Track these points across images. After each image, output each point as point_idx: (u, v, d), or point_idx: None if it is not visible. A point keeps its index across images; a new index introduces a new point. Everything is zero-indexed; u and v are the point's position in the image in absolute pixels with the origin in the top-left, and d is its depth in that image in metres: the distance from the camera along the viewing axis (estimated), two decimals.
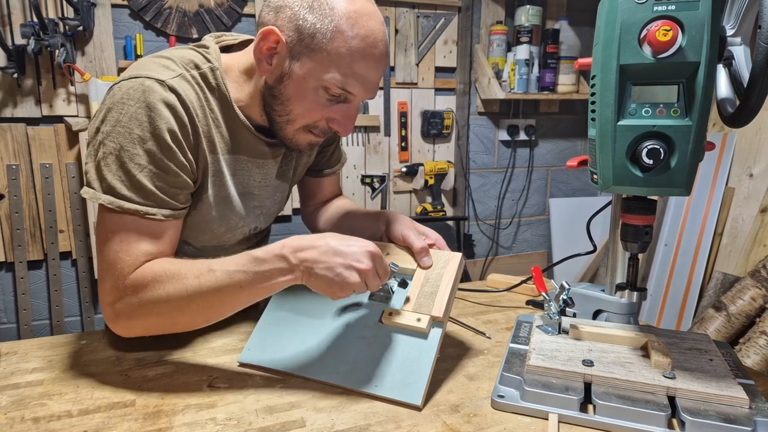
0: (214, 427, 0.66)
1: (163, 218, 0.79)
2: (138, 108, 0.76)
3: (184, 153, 0.80)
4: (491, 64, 2.68)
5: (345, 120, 0.85)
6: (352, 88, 0.80)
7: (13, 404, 0.71)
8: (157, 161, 0.77)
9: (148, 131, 0.76)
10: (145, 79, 0.77)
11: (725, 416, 0.63)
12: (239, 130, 0.88)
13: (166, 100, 0.77)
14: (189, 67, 0.83)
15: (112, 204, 0.76)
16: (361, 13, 0.78)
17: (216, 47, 0.88)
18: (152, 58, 0.83)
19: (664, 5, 0.63)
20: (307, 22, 0.77)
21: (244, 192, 0.94)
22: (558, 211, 3.04)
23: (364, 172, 2.63)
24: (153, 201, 0.78)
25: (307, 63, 0.79)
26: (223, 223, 0.93)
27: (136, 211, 0.77)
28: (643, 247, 0.77)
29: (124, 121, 0.76)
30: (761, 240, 2.23)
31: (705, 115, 0.65)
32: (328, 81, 0.79)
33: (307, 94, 0.81)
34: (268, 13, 0.81)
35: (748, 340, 2.02)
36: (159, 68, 0.80)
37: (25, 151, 2.05)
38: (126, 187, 0.76)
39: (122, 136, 0.76)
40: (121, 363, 0.82)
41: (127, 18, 2.12)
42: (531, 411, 0.70)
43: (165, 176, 0.78)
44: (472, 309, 1.09)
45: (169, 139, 0.77)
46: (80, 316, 2.26)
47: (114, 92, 0.78)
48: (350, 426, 0.67)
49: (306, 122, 0.85)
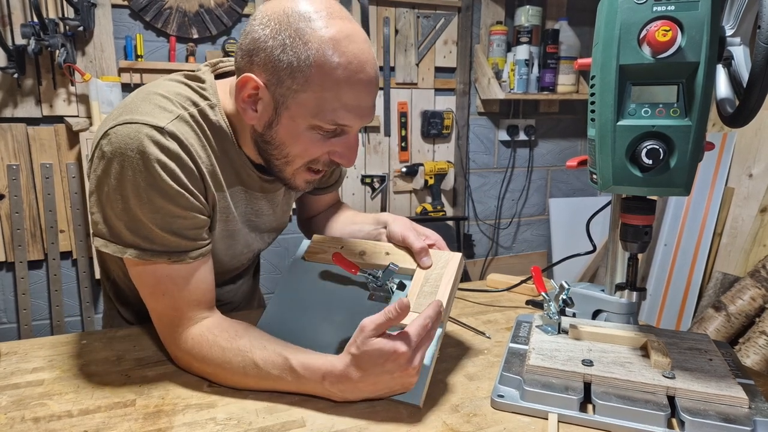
0: (214, 427, 0.66)
1: (192, 260, 0.77)
2: (140, 159, 0.71)
3: (195, 197, 0.77)
4: (491, 65, 2.68)
5: (347, 151, 0.80)
6: (344, 120, 0.75)
7: (14, 404, 0.71)
8: (171, 209, 0.74)
9: (156, 182, 0.72)
10: (143, 126, 0.72)
11: (725, 416, 0.63)
12: (241, 165, 0.85)
13: (169, 149, 0.73)
14: (186, 105, 0.78)
15: (139, 257, 0.75)
16: (339, 38, 0.71)
17: (212, 79, 0.83)
18: (146, 96, 0.77)
19: (663, 5, 0.63)
20: (283, 62, 0.71)
21: (248, 221, 0.93)
22: (558, 211, 3.04)
23: (364, 172, 2.63)
24: (177, 247, 0.76)
25: (292, 105, 0.74)
26: (229, 253, 0.93)
27: (166, 260, 0.75)
28: (642, 247, 0.77)
29: (129, 174, 0.72)
30: (761, 240, 2.23)
31: (704, 115, 0.65)
32: (318, 120, 0.74)
33: (300, 136, 0.77)
34: (242, 59, 0.76)
35: (747, 340, 2.02)
36: (155, 110, 0.75)
37: (25, 151, 2.05)
38: (146, 239, 0.74)
39: (130, 191, 0.72)
40: (121, 363, 0.82)
41: (127, 18, 2.12)
42: (531, 411, 0.70)
43: (183, 221, 0.76)
44: (472, 309, 1.09)
45: (178, 187, 0.74)
46: (80, 316, 2.26)
47: (111, 139, 0.73)
48: (350, 426, 0.67)
49: (305, 161, 0.80)
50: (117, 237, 0.75)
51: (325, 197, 1.15)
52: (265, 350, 0.73)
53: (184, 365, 0.80)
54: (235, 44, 2.21)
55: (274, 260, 2.53)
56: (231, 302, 1.08)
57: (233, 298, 1.08)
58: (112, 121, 0.75)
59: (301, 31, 0.71)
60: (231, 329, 0.77)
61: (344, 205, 1.19)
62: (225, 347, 0.75)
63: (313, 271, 0.92)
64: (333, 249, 0.92)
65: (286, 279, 0.92)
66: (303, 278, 0.91)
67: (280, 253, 2.54)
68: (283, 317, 0.87)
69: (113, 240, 0.75)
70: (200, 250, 0.79)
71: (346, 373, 0.69)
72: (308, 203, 1.16)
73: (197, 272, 0.79)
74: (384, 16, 2.51)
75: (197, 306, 0.79)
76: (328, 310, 0.85)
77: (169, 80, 0.82)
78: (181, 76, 0.84)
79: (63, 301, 2.21)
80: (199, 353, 0.76)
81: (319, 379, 0.70)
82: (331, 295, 0.87)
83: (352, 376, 0.68)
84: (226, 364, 0.74)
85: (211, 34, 2.23)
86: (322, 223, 1.13)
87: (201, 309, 0.79)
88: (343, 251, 0.91)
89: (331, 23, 0.71)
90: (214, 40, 2.26)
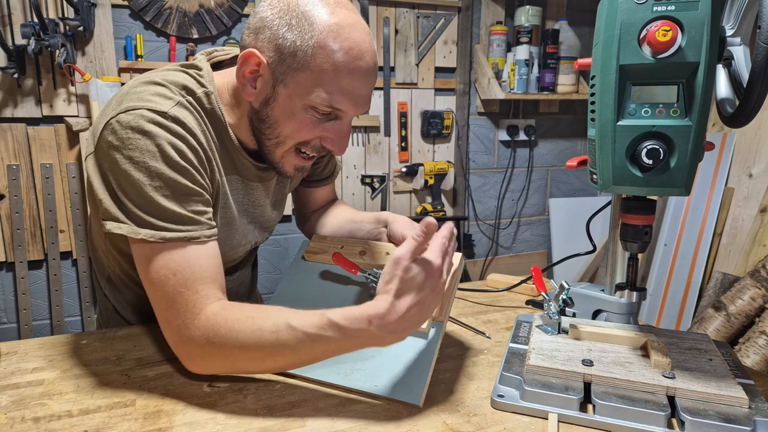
0: (214, 427, 0.66)
1: (207, 239, 0.76)
2: (147, 142, 0.72)
3: (202, 176, 0.78)
4: (491, 65, 2.68)
5: (338, 138, 0.82)
6: (340, 105, 0.77)
7: (14, 404, 0.71)
8: (182, 187, 0.75)
9: (166, 161, 0.73)
10: (146, 111, 0.73)
11: (725, 416, 0.63)
12: (235, 152, 0.86)
13: (174, 130, 0.74)
14: (183, 93, 0.80)
15: (154, 237, 0.73)
16: (343, 25, 0.74)
17: (208, 67, 0.84)
18: (144, 85, 0.78)
19: (663, 5, 0.63)
20: (287, 40, 0.74)
21: (245, 211, 0.93)
22: (558, 211, 3.05)
23: (364, 172, 2.63)
24: (192, 224, 0.75)
25: (291, 83, 0.76)
26: (227, 244, 0.92)
27: (181, 238, 0.73)
28: (642, 247, 0.77)
29: (137, 156, 0.72)
30: (761, 240, 2.23)
31: (704, 115, 0.65)
32: (315, 100, 0.76)
33: (295, 114, 0.78)
34: (248, 36, 0.78)
35: (747, 340, 2.02)
36: (155, 97, 0.76)
37: (25, 151, 2.05)
38: (161, 218, 0.73)
39: (142, 173, 0.72)
40: (121, 363, 0.82)
41: (127, 18, 2.12)
42: (531, 411, 0.70)
43: (194, 198, 0.76)
44: (472, 309, 1.09)
45: (186, 164, 0.75)
46: (80, 316, 2.26)
47: (114, 127, 0.73)
48: (350, 426, 0.67)
49: (296, 142, 0.82)
50: (132, 218, 0.74)
51: (321, 191, 1.16)
52: (297, 312, 0.70)
53: (196, 354, 0.74)
54: (235, 44, 2.22)
55: (274, 260, 2.53)
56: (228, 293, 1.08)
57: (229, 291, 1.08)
58: (112, 110, 0.75)
59: (307, 14, 0.74)
60: (250, 304, 0.74)
61: (343, 204, 1.18)
62: (251, 316, 0.70)
63: (313, 271, 0.92)
64: (333, 249, 0.92)
65: (286, 279, 0.92)
66: (303, 278, 0.91)
67: (280, 253, 2.54)
68: None
69: (127, 221, 0.74)
70: (212, 230, 0.78)
71: (393, 308, 0.66)
72: (304, 197, 1.16)
73: (210, 251, 0.77)
74: (384, 16, 2.51)
75: (212, 283, 0.75)
76: None
77: (166, 69, 0.83)
78: (177, 65, 0.85)
79: (63, 301, 2.21)
80: (217, 333, 0.71)
81: (365, 325, 0.66)
82: (331, 295, 0.87)
83: (399, 308, 0.66)
84: (257, 332, 0.69)
85: (211, 34, 2.23)
86: (321, 221, 1.13)
87: (216, 288, 0.75)
88: (343, 251, 0.91)
89: (337, 11, 0.75)
90: (214, 40, 2.26)
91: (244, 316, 0.71)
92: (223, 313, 0.72)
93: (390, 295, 0.66)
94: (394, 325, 0.66)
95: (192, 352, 0.74)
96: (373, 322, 0.66)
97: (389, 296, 0.66)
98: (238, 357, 0.71)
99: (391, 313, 0.66)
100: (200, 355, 0.73)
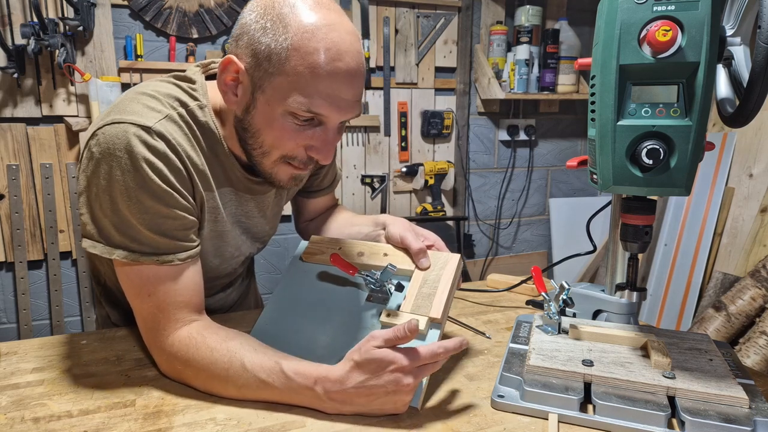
0: (214, 427, 0.66)
1: (180, 262, 0.76)
2: (128, 159, 0.72)
3: (183, 197, 0.77)
4: (491, 64, 2.68)
5: (323, 146, 0.78)
6: (320, 109, 0.73)
7: (13, 404, 0.71)
8: (159, 209, 0.74)
9: (144, 182, 0.72)
10: (130, 126, 0.72)
11: (725, 416, 0.63)
12: (229, 164, 0.85)
13: (156, 148, 0.73)
14: (175, 105, 0.79)
15: (127, 258, 0.74)
16: (319, 25, 0.71)
17: (202, 80, 0.83)
18: (135, 96, 0.78)
19: (663, 5, 0.63)
20: (262, 45, 0.72)
21: (238, 222, 0.92)
22: (558, 211, 3.04)
23: (364, 172, 2.63)
24: (166, 248, 0.75)
25: (268, 89, 0.74)
26: (218, 256, 0.92)
27: (154, 261, 0.75)
28: (642, 247, 0.77)
29: (117, 174, 0.72)
30: (761, 240, 2.23)
31: (705, 115, 0.65)
32: (292, 105, 0.73)
33: (274, 122, 0.75)
34: (231, 43, 0.77)
35: (748, 340, 2.02)
36: (143, 110, 0.75)
37: (25, 151, 2.05)
38: (134, 240, 0.74)
39: (118, 191, 0.72)
40: (121, 363, 0.82)
41: (127, 18, 2.12)
42: (531, 411, 0.70)
43: (171, 221, 0.76)
44: (472, 309, 1.09)
45: (166, 187, 0.74)
46: (80, 316, 2.26)
47: (99, 139, 0.73)
48: (350, 426, 0.67)
49: (281, 153, 0.79)
50: (105, 237, 0.75)
51: (320, 200, 1.14)
52: (256, 353, 0.72)
53: (165, 369, 0.78)
54: None
55: (273, 260, 2.53)
56: (221, 310, 1.07)
57: (223, 306, 1.08)
58: (100, 121, 0.75)
59: (283, 15, 0.71)
60: (222, 332, 0.76)
61: (342, 208, 1.18)
62: (214, 347, 0.73)
63: (311, 271, 0.92)
64: (331, 250, 0.92)
65: (284, 280, 0.92)
66: (301, 279, 0.91)
67: (279, 253, 2.53)
68: (281, 318, 0.86)
69: (101, 240, 0.75)
70: (188, 252, 0.78)
71: (343, 378, 0.67)
72: (304, 207, 1.15)
73: (185, 273, 0.78)
74: (384, 16, 2.51)
75: (185, 308, 0.77)
76: (326, 311, 0.85)
77: (159, 81, 0.83)
78: (171, 77, 0.84)
79: (63, 301, 2.21)
80: (184, 355, 0.74)
81: (310, 384, 0.68)
82: (329, 296, 0.87)
83: (348, 382, 0.66)
84: (211, 365, 0.72)
85: (211, 34, 2.23)
86: (319, 226, 1.12)
87: (189, 311, 0.78)
88: (341, 252, 0.91)
89: (314, 11, 0.72)
90: (214, 40, 2.26)
91: (207, 348, 0.74)
92: (187, 341, 0.75)
93: (348, 365, 0.67)
94: (337, 394, 0.67)
95: (161, 363, 0.79)
96: (318, 383, 0.68)
97: (347, 365, 0.67)
98: (194, 381, 0.75)
99: (340, 381, 0.67)
100: (169, 369, 0.78)
